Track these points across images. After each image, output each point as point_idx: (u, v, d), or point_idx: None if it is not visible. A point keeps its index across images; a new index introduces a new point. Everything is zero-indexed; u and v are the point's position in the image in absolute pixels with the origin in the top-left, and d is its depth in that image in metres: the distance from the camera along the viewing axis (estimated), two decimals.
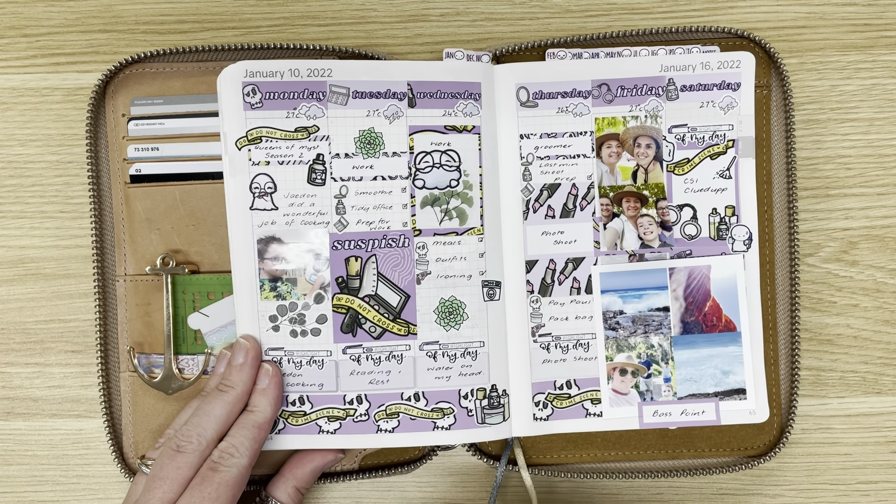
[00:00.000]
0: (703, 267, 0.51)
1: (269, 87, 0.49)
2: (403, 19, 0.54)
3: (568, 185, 0.52)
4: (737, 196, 0.51)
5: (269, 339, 0.49)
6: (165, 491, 0.44)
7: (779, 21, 0.54)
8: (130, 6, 0.54)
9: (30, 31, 0.54)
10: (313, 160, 0.49)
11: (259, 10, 0.54)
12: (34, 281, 0.54)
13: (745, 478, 0.55)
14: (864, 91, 0.54)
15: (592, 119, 0.51)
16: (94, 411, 0.54)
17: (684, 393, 0.51)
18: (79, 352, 0.54)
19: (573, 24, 0.54)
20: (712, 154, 0.51)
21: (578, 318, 0.52)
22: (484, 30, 0.54)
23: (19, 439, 0.54)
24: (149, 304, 0.51)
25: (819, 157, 0.54)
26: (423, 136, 0.50)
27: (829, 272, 0.54)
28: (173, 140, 0.51)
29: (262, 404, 0.47)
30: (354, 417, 0.50)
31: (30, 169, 0.54)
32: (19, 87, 0.54)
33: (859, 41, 0.54)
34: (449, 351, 0.50)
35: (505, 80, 0.51)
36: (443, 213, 0.50)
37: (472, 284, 0.50)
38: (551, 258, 0.52)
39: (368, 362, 0.50)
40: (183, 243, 0.51)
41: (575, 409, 0.52)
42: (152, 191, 0.51)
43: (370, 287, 0.50)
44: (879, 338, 0.54)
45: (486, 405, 0.50)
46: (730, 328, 0.51)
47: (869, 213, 0.54)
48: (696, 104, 0.51)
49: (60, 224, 0.54)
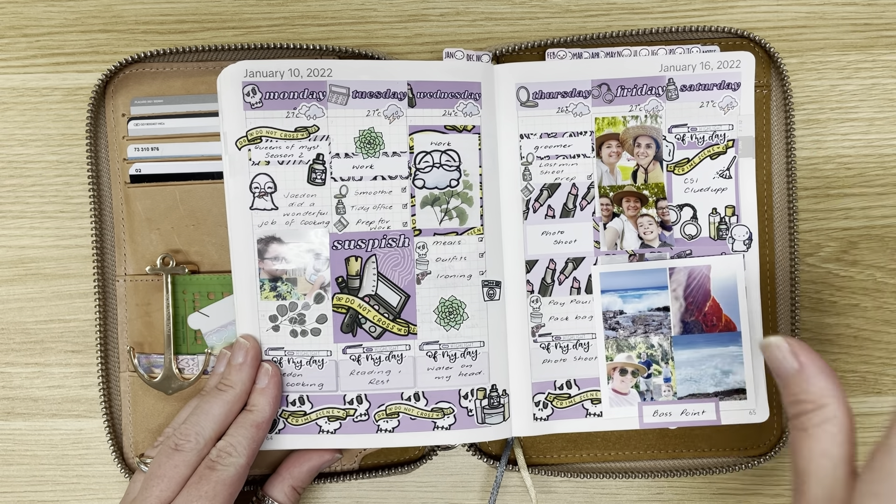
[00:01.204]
0: (703, 267, 0.51)
1: (269, 87, 0.49)
2: (403, 19, 0.54)
3: (568, 184, 0.52)
4: (737, 196, 0.51)
5: (269, 339, 0.49)
6: (163, 489, 0.44)
7: (779, 21, 0.54)
8: (130, 6, 0.54)
9: (30, 31, 0.54)
10: (313, 160, 0.49)
11: (259, 10, 0.54)
12: (34, 281, 0.54)
13: (745, 478, 0.55)
14: (864, 91, 0.54)
15: (592, 119, 0.51)
16: (94, 411, 0.54)
17: (684, 393, 0.51)
18: (79, 352, 0.54)
19: (573, 24, 0.54)
20: (712, 154, 0.51)
21: (578, 317, 0.52)
22: (484, 30, 0.54)
23: (19, 439, 0.54)
24: (149, 304, 0.51)
25: (819, 157, 0.54)
26: (423, 135, 0.50)
27: (829, 272, 0.54)
28: (173, 140, 0.51)
29: (261, 404, 0.47)
30: (354, 417, 0.50)
31: (30, 169, 0.54)
32: (19, 87, 0.54)
33: (859, 41, 0.54)
34: (449, 351, 0.50)
35: (505, 80, 0.51)
36: (443, 212, 0.50)
37: (472, 284, 0.50)
38: (551, 258, 0.51)
39: (368, 362, 0.50)
40: (183, 243, 0.51)
41: (575, 409, 0.52)
42: (152, 191, 0.51)
43: (370, 287, 0.50)
44: (879, 338, 0.54)
45: (486, 405, 0.50)
46: (730, 328, 0.51)
47: (869, 213, 0.54)
48: (696, 104, 0.51)
49: (60, 224, 0.54)
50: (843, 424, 0.36)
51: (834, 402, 0.37)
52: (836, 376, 0.38)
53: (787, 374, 0.39)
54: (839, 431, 0.36)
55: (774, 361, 0.40)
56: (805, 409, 0.37)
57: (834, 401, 0.37)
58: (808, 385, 0.38)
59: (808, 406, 0.37)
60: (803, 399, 0.38)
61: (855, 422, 0.37)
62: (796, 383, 0.38)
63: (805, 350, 0.39)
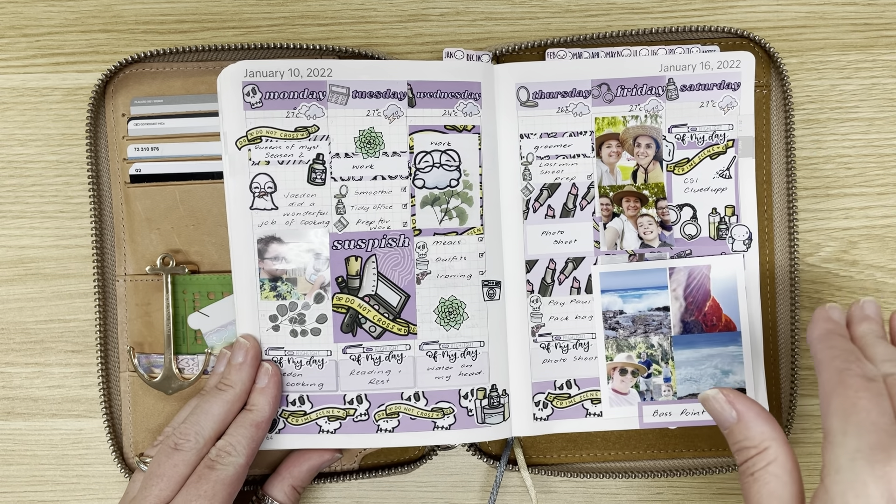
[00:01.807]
0: (702, 267, 0.51)
1: (269, 87, 0.49)
2: (403, 19, 0.54)
3: (568, 184, 0.52)
4: (737, 196, 0.51)
5: (269, 339, 0.49)
6: (162, 488, 0.44)
7: (779, 21, 0.54)
8: (130, 6, 0.54)
9: (30, 31, 0.54)
10: (313, 160, 0.49)
11: (259, 10, 0.54)
12: (34, 281, 0.54)
13: None
14: (864, 91, 0.54)
15: (592, 119, 0.51)
16: (94, 411, 0.54)
17: (684, 393, 0.51)
18: (79, 352, 0.54)
19: (573, 24, 0.54)
20: (712, 154, 0.51)
21: (578, 317, 0.52)
22: (484, 30, 0.54)
23: (19, 439, 0.54)
24: (149, 304, 0.51)
25: (819, 156, 0.54)
26: (423, 135, 0.50)
27: (829, 272, 0.54)
28: (173, 140, 0.51)
29: (260, 403, 0.47)
30: (354, 417, 0.50)
31: (30, 169, 0.54)
32: (19, 87, 0.54)
33: (859, 41, 0.54)
34: (449, 351, 0.50)
35: (505, 80, 0.51)
36: (443, 212, 0.50)
37: (472, 284, 0.50)
38: (551, 258, 0.51)
39: (368, 362, 0.50)
40: (183, 243, 0.51)
41: (575, 408, 0.52)
42: (152, 191, 0.51)
43: (370, 287, 0.50)
44: None
45: (486, 405, 0.50)
46: (730, 328, 0.51)
47: (869, 212, 0.54)
48: (695, 104, 0.51)
49: (60, 224, 0.54)
50: (786, 464, 0.38)
51: (774, 444, 0.39)
52: (773, 420, 0.40)
53: (728, 423, 0.41)
54: (783, 472, 0.38)
55: (714, 413, 0.42)
56: (749, 454, 0.39)
57: (774, 443, 0.39)
58: (748, 431, 0.40)
59: (752, 451, 0.39)
60: (746, 445, 0.40)
61: (797, 459, 0.39)
62: (738, 431, 0.40)
63: (740, 399, 0.41)
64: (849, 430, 0.36)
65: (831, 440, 0.36)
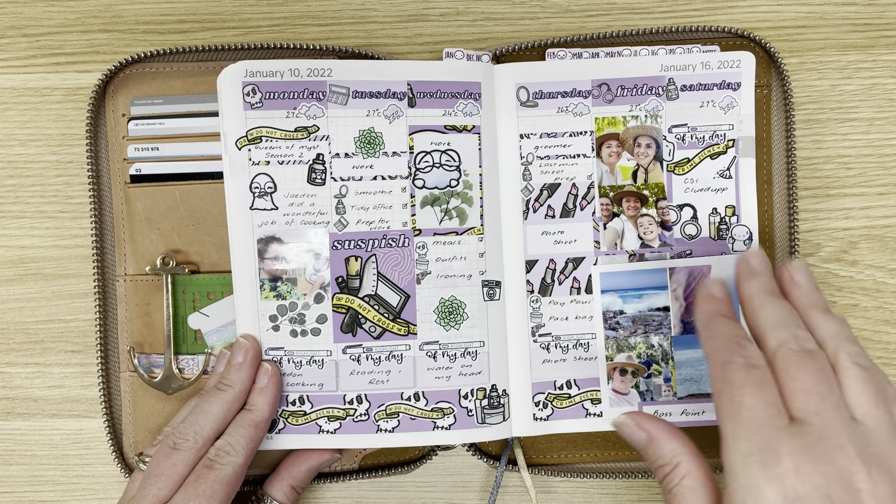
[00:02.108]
0: (703, 267, 0.51)
1: (269, 87, 0.49)
2: (403, 19, 0.54)
3: (568, 184, 0.52)
4: (737, 196, 0.51)
5: (269, 339, 0.49)
6: (160, 488, 0.44)
7: (779, 21, 0.54)
8: (130, 6, 0.54)
9: (30, 31, 0.54)
10: (313, 160, 0.49)
11: (259, 10, 0.54)
12: (34, 281, 0.54)
13: None
14: (864, 91, 0.54)
15: (592, 119, 0.51)
16: (94, 411, 0.54)
17: (684, 393, 0.51)
18: (79, 352, 0.54)
19: (573, 24, 0.54)
20: (712, 154, 0.51)
21: (578, 318, 0.52)
22: (484, 30, 0.54)
23: (19, 439, 0.54)
24: (149, 304, 0.51)
25: (819, 156, 0.54)
26: (423, 135, 0.50)
27: (829, 272, 0.54)
28: (173, 140, 0.51)
29: (260, 403, 0.47)
30: (354, 417, 0.50)
31: (30, 169, 0.54)
32: (19, 87, 0.54)
33: (859, 41, 0.54)
34: (449, 351, 0.50)
35: (505, 80, 0.51)
36: (443, 212, 0.50)
37: (472, 284, 0.50)
38: (551, 258, 0.51)
39: (368, 362, 0.50)
40: (183, 243, 0.51)
41: (575, 409, 0.52)
42: (152, 191, 0.51)
43: (370, 287, 0.50)
44: (879, 338, 0.54)
45: (486, 405, 0.50)
46: None
47: (869, 213, 0.54)
48: (696, 104, 0.51)
49: (60, 224, 0.54)
50: (698, 476, 0.39)
51: (685, 459, 0.40)
52: (683, 435, 0.41)
53: (641, 445, 0.42)
54: (697, 484, 0.39)
55: (627, 437, 0.43)
56: (665, 471, 0.40)
57: (685, 457, 0.40)
58: (660, 450, 0.41)
59: (667, 468, 0.40)
60: (661, 463, 0.41)
61: (709, 469, 0.40)
62: (651, 451, 0.42)
63: (649, 420, 0.42)
64: (738, 433, 0.36)
65: (725, 444, 0.37)
